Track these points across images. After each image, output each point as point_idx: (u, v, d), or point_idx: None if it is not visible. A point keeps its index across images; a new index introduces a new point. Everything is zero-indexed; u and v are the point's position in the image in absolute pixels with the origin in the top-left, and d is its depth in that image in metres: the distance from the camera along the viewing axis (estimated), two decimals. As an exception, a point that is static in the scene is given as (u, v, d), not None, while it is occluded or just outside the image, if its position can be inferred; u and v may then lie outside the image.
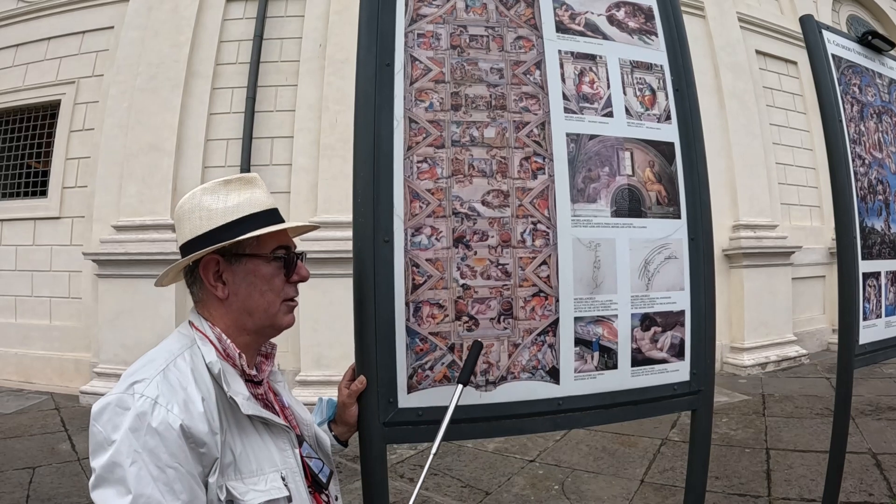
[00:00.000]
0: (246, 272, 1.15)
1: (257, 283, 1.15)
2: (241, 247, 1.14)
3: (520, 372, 1.43)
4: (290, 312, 1.21)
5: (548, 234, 1.46)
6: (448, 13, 1.52)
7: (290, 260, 1.19)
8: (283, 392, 1.31)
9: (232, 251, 1.14)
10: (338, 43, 6.29)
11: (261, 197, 1.19)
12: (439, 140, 1.42)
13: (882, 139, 2.52)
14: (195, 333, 1.13)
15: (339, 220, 5.72)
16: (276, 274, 1.16)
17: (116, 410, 0.96)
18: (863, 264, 2.31)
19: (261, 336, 1.21)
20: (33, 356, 6.60)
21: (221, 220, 1.14)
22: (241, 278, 1.14)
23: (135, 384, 0.99)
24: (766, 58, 8.32)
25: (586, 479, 3.90)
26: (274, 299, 1.16)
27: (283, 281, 1.18)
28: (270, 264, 1.16)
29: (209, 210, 1.15)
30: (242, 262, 1.14)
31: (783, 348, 7.24)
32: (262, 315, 1.16)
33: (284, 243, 1.19)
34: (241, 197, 1.17)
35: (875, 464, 3.82)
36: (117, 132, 6.45)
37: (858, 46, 2.55)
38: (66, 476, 4.02)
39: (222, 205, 1.15)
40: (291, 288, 1.20)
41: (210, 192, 1.17)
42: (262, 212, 1.17)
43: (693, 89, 1.72)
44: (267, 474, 1.07)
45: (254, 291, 1.15)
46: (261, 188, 1.21)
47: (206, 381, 1.05)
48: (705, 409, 1.67)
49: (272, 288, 1.16)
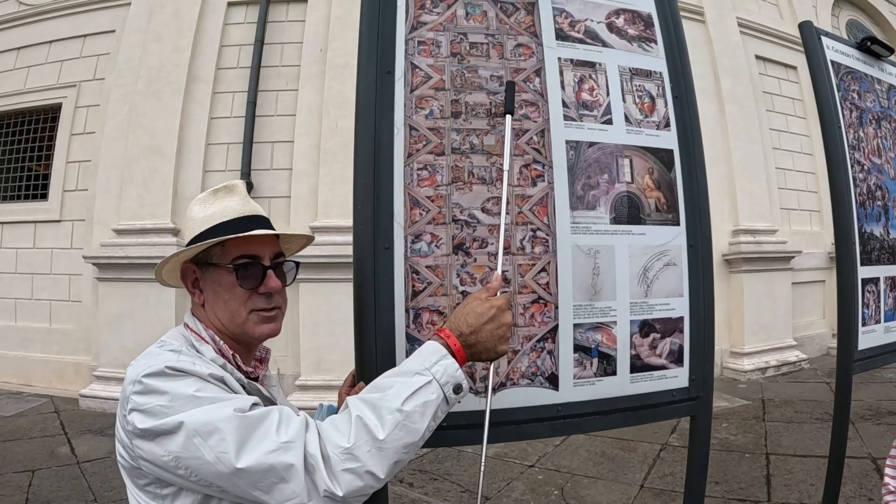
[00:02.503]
0: (212, 281, 1.18)
1: (220, 292, 1.17)
2: (209, 255, 1.18)
3: (519, 378, 1.44)
4: (266, 322, 1.19)
5: (547, 241, 1.47)
6: (448, 21, 1.52)
7: (250, 268, 1.17)
8: (278, 396, 1.32)
9: (203, 260, 1.18)
10: (338, 47, 6.31)
11: (235, 205, 1.21)
12: (439, 147, 1.43)
13: (881, 145, 2.53)
14: (191, 335, 1.16)
15: (339, 224, 5.73)
16: (237, 283, 1.16)
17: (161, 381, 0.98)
18: (862, 270, 2.31)
19: (241, 343, 1.21)
20: (33, 359, 6.60)
21: (199, 229, 1.18)
22: (209, 286, 1.18)
23: (147, 364, 1.01)
24: (766, 62, 8.34)
25: (586, 484, 3.90)
26: (238, 309, 1.16)
27: (246, 291, 1.16)
28: (231, 274, 1.15)
29: (193, 220, 1.21)
30: (210, 271, 1.18)
31: (783, 353, 7.24)
32: (231, 324, 1.17)
33: (249, 252, 1.17)
34: (219, 206, 1.20)
35: (875, 468, 3.81)
36: (118, 136, 6.47)
37: (857, 52, 2.56)
38: (65, 479, 4.02)
39: (203, 214, 1.20)
40: (261, 298, 1.18)
41: (200, 202, 1.22)
42: (233, 220, 1.18)
43: (692, 96, 1.72)
44: None
45: (218, 300, 1.17)
46: (238, 195, 1.23)
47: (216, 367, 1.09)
48: (704, 415, 1.67)
49: (234, 297, 1.16)
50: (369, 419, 0.98)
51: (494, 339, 1.11)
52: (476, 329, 1.10)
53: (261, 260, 1.18)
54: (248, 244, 1.17)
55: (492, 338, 1.11)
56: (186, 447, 0.92)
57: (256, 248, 1.19)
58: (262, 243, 1.20)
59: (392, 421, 0.97)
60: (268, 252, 1.21)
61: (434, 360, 1.05)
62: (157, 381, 0.97)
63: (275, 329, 1.21)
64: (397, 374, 1.06)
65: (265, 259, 1.19)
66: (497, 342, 1.12)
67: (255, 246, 1.19)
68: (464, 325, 1.11)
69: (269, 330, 1.20)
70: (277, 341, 6.17)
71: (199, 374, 1.00)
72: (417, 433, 1.00)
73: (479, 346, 1.11)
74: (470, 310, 1.12)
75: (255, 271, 1.17)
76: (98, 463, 4.31)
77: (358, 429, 0.97)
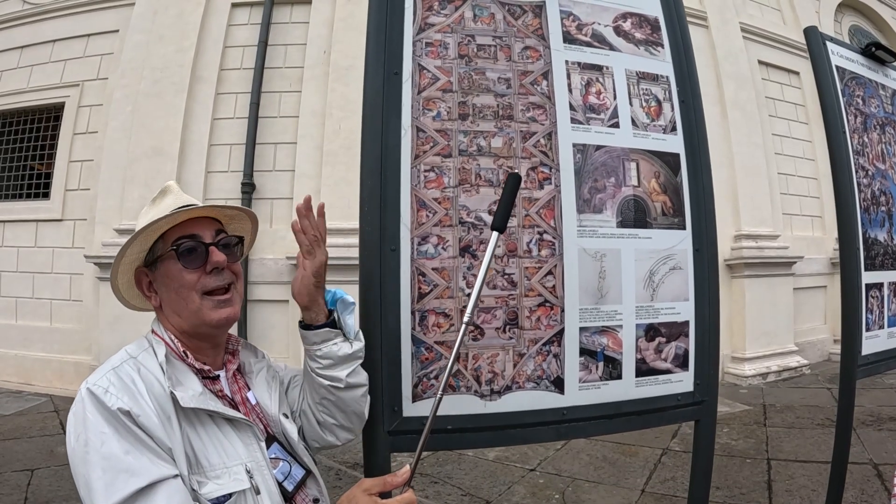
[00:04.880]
0: (162, 275, 1.19)
1: (171, 283, 1.17)
2: (154, 253, 1.19)
3: (525, 381, 1.43)
4: (221, 307, 1.17)
5: (554, 244, 1.46)
6: (456, 22, 1.52)
7: (192, 248, 1.16)
8: (259, 386, 1.29)
9: (150, 260, 1.20)
10: (342, 50, 6.31)
11: (168, 202, 1.22)
12: (446, 149, 1.43)
13: (885, 150, 2.52)
14: (152, 337, 1.18)
15: (342, 226, 5.73)
16: (182, 267, 1.15)
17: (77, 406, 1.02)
18: (865, 275, 2.31)
19: (201, 337, 1.20)
20: (33, 358, 6.59)
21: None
22: (161, 283, 1.19)
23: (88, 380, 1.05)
24: (769, 68, 8.34)
25: (587, 488, 3.89)
26: (189, 294, 1.15)
27: (194, 273, 1.15)
28: (175, 259, 1.16)
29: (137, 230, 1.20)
30: (158, 268, 1.19)
31: (784, 358, 7.22)
32: (187, 313, 1.16)
33: (187, 233, 1.17)
34: (157, 209, 1.22)
35: (876, 474, 3.80)
36: (121, 135, 6.46)
37: (862, 58, 2.56)
38: (64, 479, 4.00)
39: (144, 221, 1.20)
40: (210, 278, 1.17)
41: (143, 214, 1.25)
42: (167, 215, 1.17)
43: (698, 101, 1.72)
44: (230, 468, 1.08)
45: (170, 292, 1.17)
46: (172, 194, 1.25)
47: (158, 379, 1.08)
48: (709, 420, 1.67)
49: (184, 284, 1.15)
50: None
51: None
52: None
53: (201, 238, 1.18)
54: (186, 228, 1.18)
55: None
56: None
57: (195, 229, 1.19)
58: (201, 226, 1.20)
59: None
60: (208, 232, 1.20)
61: None
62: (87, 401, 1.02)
63: (232, 314, 1.19)
64: None
65: (206, 237, 1.19)
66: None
67: (194, 228, 1.19)
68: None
69: (227, 314, 1.18)
70: (278, 343, 6.14)
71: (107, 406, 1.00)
72: None
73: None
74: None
75: (197, 250, 1.16)
76: (98, 463, 4.29)
77: None
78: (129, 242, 1.16)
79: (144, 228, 1.16)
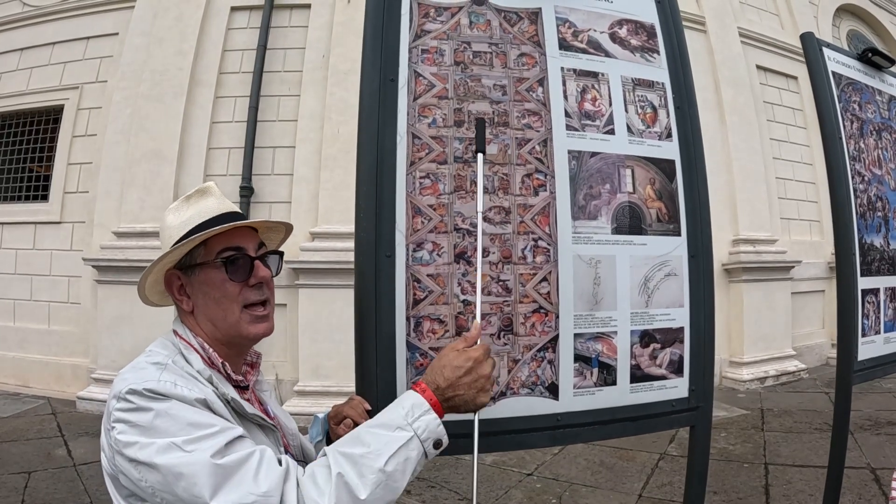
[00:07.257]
0: (200, 282, 1.15)
1: (210, 292, 1.14)
2: (193, 258, 1.16)
3: (519, 388, 1.43)
4: (259, 321, 1.17)
5: (549, 250, 1.47)
6: (452, 29, 1.53)
7: (238, 260, 1.15)
8: (270, 401, 1.31)
9: (186, 264, 1.16)
10: (341, 54, 6.32)
11: (211, 205, 1.19)
12: (442, 156, 1.43)
13: (882, 156, 2.53)
14: (179, 342, 1.14)
15: (340, 230, 5.73)
16: (227, 278, 1.14)
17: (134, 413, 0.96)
18: (862, 281, 2.31)
19: (234, 347, 1.19)
20: (31, 360, 6.59)
21: (177, 235, 1.16)
22: (197, 289, 1.16)
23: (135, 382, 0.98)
24: (767, 73, 8.36)
25: (584, 493, 3.88)
26: (230, 306, 1.14)
27: (237, 285, 1.14)
28: (220, 269, 1.14)
29: (169, 228, 1.19)
30: (196, 273, 1.15)
31: (782, 363, 7.22)
32: (224, 325, 1.15)
33: (233, 244, 1.16)
34: (195, 209, 1.19)
35: (874, 479, 3.80)
36: (120, 138, 6.47)
37: (858, 63, 2.57)
38: (61, 482, 4.00)
39: (178, 220, 1.18)
40: (252, 292, 1.16)
41: (173, 211, 1.21)
42: (210, 219, 1.16)
43: (694, 107, 1.73)
44: None
45: (209, 301, 1.15)
46: (214, 196, 1.22)
47: (201, 384, 1.06)
48: (704, 426, 1.67)
49: (226, 294, 1.13)
50: (350, 478, 0.95)
51: (473, 391, 1.10)
52: (452, 383, 1.08)
53: (246, 251, 1.17)
54: (231, 238, 1.16)
55: (470, 390, 1.09)
56: (163, 483, 0.91)
57: (240, 241, 1.17)
58: (244, 236, 1.18)
59: (374, 481, 0.95)
60: (251, 244, 1.19)
61: (416, 415, 1.04)
62: (140, 402, 0.96)
63: (269, 328, 1.19)
64: (379, 427, 1.03)
65: (250, 250, 1.18)
66: (476, 394, 1.10)
67: (239, 238, 1.17)
68: (440, 378, 1.09)
69: (264, 329, 1.18)
70: (276, 346, 6.13)
71: (180, 398, 0.98)
72: (397, 491, 0.98)
73: (457, 399, 1.09)
74: (447, 362, 1.10)
75: (243, 263, 1.15)
76: (95, 466, 4.29)
77: (338, 487, 0.94)
78: (180, 244, 1.13)
79: (196, 234, 1.13)
